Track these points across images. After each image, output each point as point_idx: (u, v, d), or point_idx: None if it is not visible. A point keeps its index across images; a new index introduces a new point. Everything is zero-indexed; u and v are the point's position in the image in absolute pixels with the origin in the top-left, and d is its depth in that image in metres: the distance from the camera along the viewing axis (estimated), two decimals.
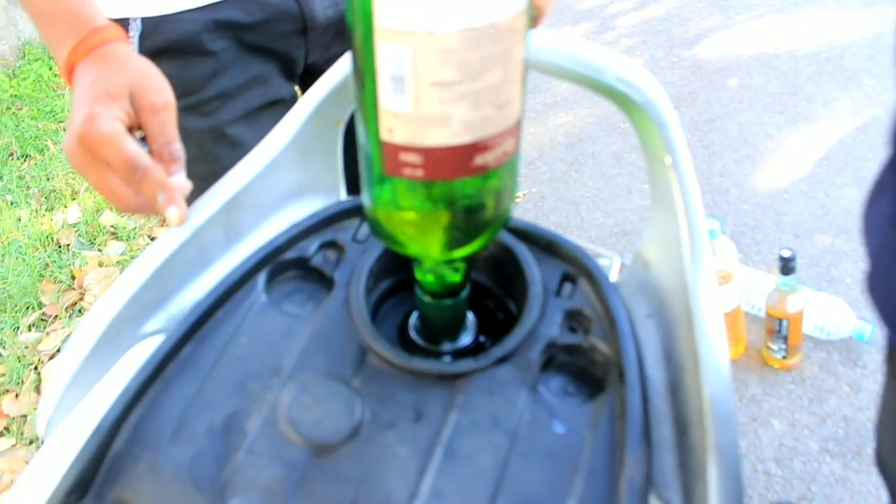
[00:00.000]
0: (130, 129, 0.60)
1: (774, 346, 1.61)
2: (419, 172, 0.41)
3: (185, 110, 0.62)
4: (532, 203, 2.24)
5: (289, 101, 1.02)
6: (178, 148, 0.61)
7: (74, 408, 0.53)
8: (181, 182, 0.61)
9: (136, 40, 0.87)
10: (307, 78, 1.07)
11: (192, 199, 0.60)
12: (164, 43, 0.88)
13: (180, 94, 0.64)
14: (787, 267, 1.50)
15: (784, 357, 1.62)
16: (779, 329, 1.58)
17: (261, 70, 0.99)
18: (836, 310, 1.65)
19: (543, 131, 2.56)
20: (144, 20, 0.85)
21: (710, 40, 2.85)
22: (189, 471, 0.47)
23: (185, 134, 0.65)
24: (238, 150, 0.60)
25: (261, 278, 0.57)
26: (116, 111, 0.59)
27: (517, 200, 2.26)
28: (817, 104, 2.41)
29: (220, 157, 0.63)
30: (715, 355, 0.49)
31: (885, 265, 0.52)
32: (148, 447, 0.48)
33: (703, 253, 0.53)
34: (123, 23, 0.86)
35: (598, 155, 2.39)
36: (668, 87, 2.63)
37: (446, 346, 0.57)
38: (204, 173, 0.83)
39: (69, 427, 0.51)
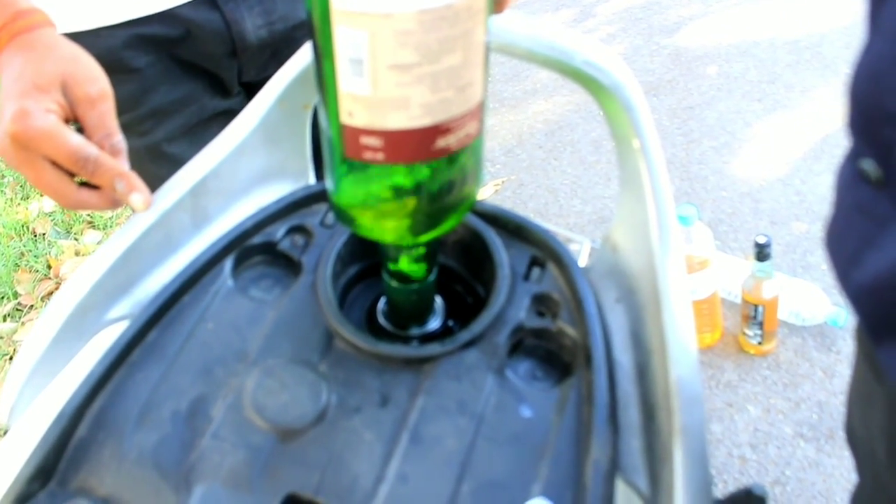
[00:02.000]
0: (66, 121, 0.57)
1: (750, 332, 1.62)
2: (380, 156, 0.41)
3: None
4: (511, 190, 2.24)
5: (234, 111, 0.94)
6: (119, 140, 0.59)
7: (39, 395, 0.52)
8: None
9: None
10: (248, 90, 1.00)
11: None
12: None
13: None
14: (762, 253, 1.51)
15: (760, 343, 1.63)
16: (754, 315, 1.59)
17: (191, 88, 0.93)
18: (811, 296, 1.66)
19: (522, 119, 2.56)
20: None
21: (690, 28, 2.86)
22: (154, 457, 0.47)
23: None
24: (179, 167, 0.57)
25: (227, 263, 0.57)
26: (48, 104, 0.56)
27: (496, 188, 2.26)
28: (795, 92, 2.42)
29: (161, 176, 0.59)
30: (682, 339, 0.49)
31: (840, 220, 0.54)
32: (112, 433, 0.48)
33: (671, 237, 0.53)
34: None
35: (576, 142, 2.39)
36: (648, 74, 2.63)
37: (414, 331, 0.57)
38: None
39: (33, 414, 0.51)
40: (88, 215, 2.44)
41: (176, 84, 0.92)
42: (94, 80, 0.59)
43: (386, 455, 0.47)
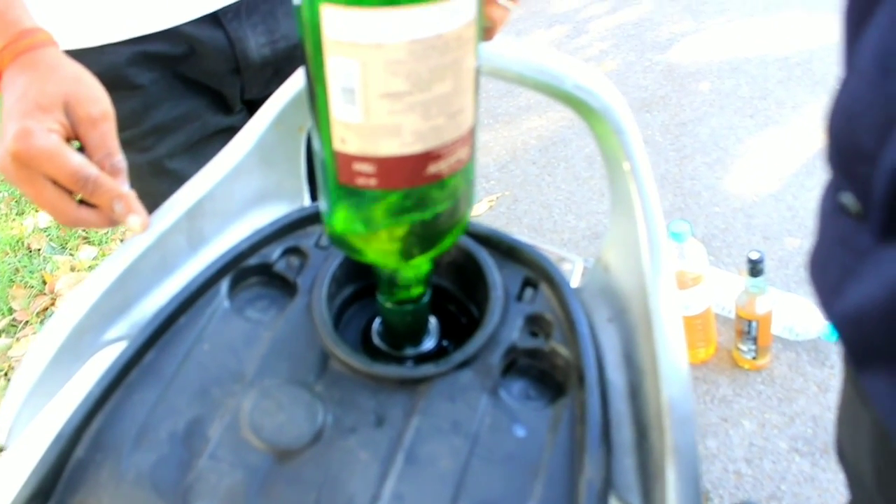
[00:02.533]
0: (67, 141, 0.58)
1: (744, 348, 1.63)
2: (372, 182, 0.42)
3: (120, 146, 0.60)
4: (505, 206, 2.25)
5: (236, 128, 0.97)
6: (119, 160, 0.59)
7: (36, 416, 0.53)
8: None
9: None
10: (250, 107, 1.01)
11: None
12: None
13: None
14: (755, 269, 1.52)
15: (754, 358, 1.64)
16: (748, 330, 1.59)
17: (193, 105, 0.94)
18: (805, 311, 1.67)
19: (516, 135, 2.57)
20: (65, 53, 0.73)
21: (682, 44, 2.88)
22: (151, 477, 0.47)
23: None
24: (181, 184, 0.58)
25: (224, 284, 0.57)
26: (50, 123, 0.57)
27: (490, 204, 2.27)
28: (786, 108, 2.44)
29: (163, 192, 0.60)
30: (673, 358, 0.50)
31: (822, 250, 0.55)
32: (110, 454, 0.48)
33: (661, 257, 0.54)
34: None
35: (570, 158, 2.40)
36: (641, 90, 2.65)
37: (409, 351, 0.57)
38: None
39: (30, 435, 0.51)
40: (84, 231, 2.44)
41: (179, 101, 0.93)
42: (96, 101, 0.60)
43: (381, 475, 0.47)
